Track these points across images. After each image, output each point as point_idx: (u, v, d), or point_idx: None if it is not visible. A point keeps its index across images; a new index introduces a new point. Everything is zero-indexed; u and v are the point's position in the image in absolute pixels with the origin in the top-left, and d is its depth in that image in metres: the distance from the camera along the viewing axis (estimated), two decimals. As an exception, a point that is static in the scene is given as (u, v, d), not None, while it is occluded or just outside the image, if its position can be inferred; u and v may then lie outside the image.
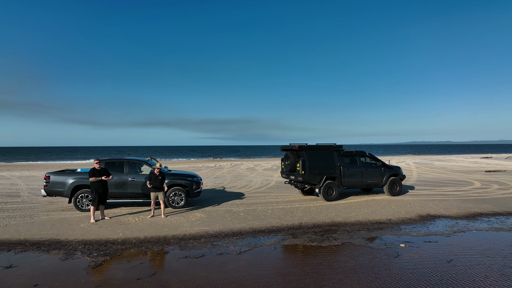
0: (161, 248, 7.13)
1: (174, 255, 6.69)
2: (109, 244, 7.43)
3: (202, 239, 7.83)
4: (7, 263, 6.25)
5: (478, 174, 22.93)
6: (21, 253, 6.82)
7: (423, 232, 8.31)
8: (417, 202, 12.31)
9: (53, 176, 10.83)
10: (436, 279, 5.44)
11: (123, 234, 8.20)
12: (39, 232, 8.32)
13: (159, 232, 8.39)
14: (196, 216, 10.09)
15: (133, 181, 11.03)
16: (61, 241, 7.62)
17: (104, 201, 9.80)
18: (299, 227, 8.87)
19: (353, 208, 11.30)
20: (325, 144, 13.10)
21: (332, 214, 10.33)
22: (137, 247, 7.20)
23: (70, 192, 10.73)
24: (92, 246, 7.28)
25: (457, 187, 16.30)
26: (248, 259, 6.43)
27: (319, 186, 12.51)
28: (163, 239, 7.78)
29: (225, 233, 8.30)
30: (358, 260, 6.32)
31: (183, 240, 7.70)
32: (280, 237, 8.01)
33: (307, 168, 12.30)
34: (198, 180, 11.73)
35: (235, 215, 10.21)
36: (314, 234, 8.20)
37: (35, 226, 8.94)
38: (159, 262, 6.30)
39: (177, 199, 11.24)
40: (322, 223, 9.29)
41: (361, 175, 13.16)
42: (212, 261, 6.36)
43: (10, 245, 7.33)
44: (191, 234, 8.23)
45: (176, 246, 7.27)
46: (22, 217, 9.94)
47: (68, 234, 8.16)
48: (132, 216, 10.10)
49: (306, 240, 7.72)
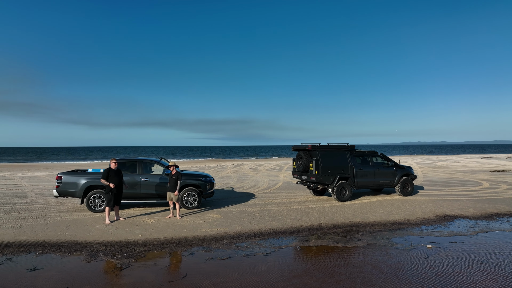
0: (184, 250, 6.99)
1: (200, 257, 6.55)
2: (130, 245, 7.29)
3: (224, 240, 7.70)
4: (31, 265, 6.09)
5: (483, 174, 22.96)
6: (43, 255, 6.66)
7: (446, 233, 8.24)
8: (430, 202, 12.25)
9: (65, 176, 10.66)
10: (475, 279, 5.36)
11: (142, 235, 8.06)
12: (55, 234, 8.16)
13: (178, 233, 8.26)
14: (212, 217, 9.96)
15: (146, 181, 10.88)
16: (80, 243, 7.46)
17: (118, 202, 9.65)
18: (319, 228, 8.77)
19: (368, 208, 11.22)
20: (337, 144, 13.01)
21: (349, 215, 10.24)
22: (160, 249, 7.06)
23: (82, 193, 10.56)
24: (114, 247, 7.14)
25: (466, 187, 16.28)
26: (277, 261, 6.32)
27: (332, 186, 12.42)
28: (184, 240, 7.64)
29: (246, 234, 8.18)
30: (395, 260, 6.23)
31: (205, 242, 7.57)
32: (302, 238, 7.90)
33: (320, 168, 12.20)
34: (211, 180, 11.61)
35: (251, 216, 10.09)
36: (337, 235, 8.10)
37: (50, 227, 8.78)
38: (186, 264, 6.17)
39: (191, 199, 11.10)
40: (341, 224, 9.19)
41: (374, 175, 13.10)
42: (240, 262, 6.24)
43: (29, 247, 7.16)
44: (211, 235, 8.11)
45: (199, 248, 7.14)
46: (34, 218, 9.77)
47: (86, 236, 8.00)
48: (147, 217, 9.96)
49: (330, 241, 7.62)
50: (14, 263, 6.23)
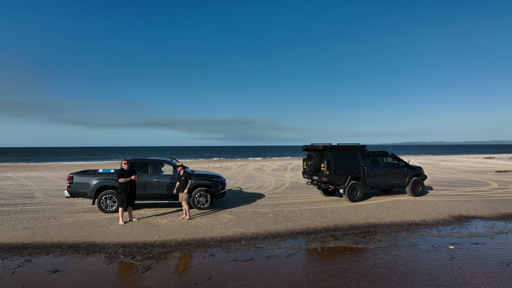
0: (204, 251, 6.91)
1: (221, 258, 6.47)
2: (148, 247, 7.20)
3: (242, 241, 7.62)
4: (51, 267, 6.01)
5: (489, 174, 22.92)
6: (61, 257, 6.56)
7: (465, 234, 8.17)
8: (442, 202, 12.18)
9: (76, 176, 10.57)
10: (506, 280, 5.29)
11: (158, 236, 7.97)
12: (70, 235, 8.07)
13: (194, 234, 8.17)
14: (225, 218, 9.87)
15: (157, 181, 10.79)
16: (97, 244, 7.37)
17: (132, 202, 9.56)
18: (336, 229, 8.69)
19: (381, 209, 11.14)
20: (348, 144, 12.94)
21: (363, 215, 10.17)
22: (179, 250, 6.98)
23: (94, 193, 10.47)
24: (132, 249, 7.05)
25: (475, 187, 16.22)
26: (300, 262, 6.24)
27: (343, 186, 12.34)
28: (202, 242, 7.56)
29: (263, 235, 8.10)
30: (423, 261, 6.15)
31: (223, 243, 7.49)
32: (321, 239, 7.82)
33: (332, 169, 12.13)
34: (222, 180, 11.52)
35: (265, 217, 10.01)
36: (355, 236, 8.03)
37: (63, 228, 8.69)
38: (208, 266, 6.08)
39: (202, 200, 11.02)
40: (357, 225, 9.11)
41: (385, 176, 13.03)
42: (263, 264, 6.15)
43: (46, 248, 7.07)
44: (228, 236, 8.02)
45: (218, 249, 7.05)
46: (47, 219, 9.67)
47: (102, 237, 7.91)
48: (160, 218, 9.87)
49: (349, 242, 7.54)
50: (34, 264, 6.14)
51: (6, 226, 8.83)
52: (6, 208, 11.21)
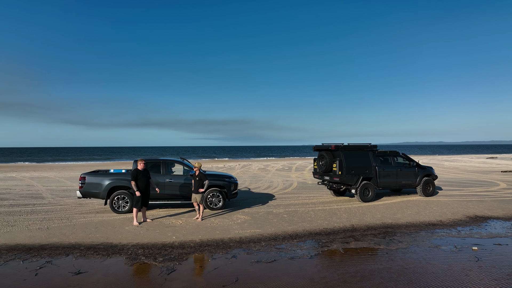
0: (225, 252, 6.83)
1: (244, 260, 6.39)
2: (167, 248, 7.12)
3: (262, 242, 7.54)
4: (73, 268, 5.92)
5: (495, 174, 22.90)
6: (82, 258, 6.47)
7: (485, 234, 8.10)
8: (455, 202, 12.13)
9: (88, 177, 10.47)
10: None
11: (176, 237, 7.88)
12: (86, 236, 7.98)
13: (212, 235, 8.09)
14: (240, 218, 9.80)
15: (170, 182, 10.70)
16: (115, 245, 7.28)
17: (146, 203, 9.46)
18: (353, 229, 8.62)
19: (394, 209, 11.08)
20: (360, 144, 12.88)
21: (378, 216, 10.10)
22: (199, 251, 6.89)
23: (106, 194, 10.38)
24: (151, 250, 6.96)
25: (484, 187, 16.18)
26: (325, 263, 6.16)
27: (355, 186, 12.27)
28: (221, 243, 7.47)
29: (281, 236, 8.02)
30: (451, 262, 6.09)
31: (243, 243, 7.41)
32: (340, 239, 7.74)
33: (344, 169, 12.06)
34: (235, 181, 11.45)
35: (280, 217, 9.94)
36: (374, 237, 7.96)
37: (78, 229, 8.60)
38: (233, 267, 5.99)
39: (215, 200, 10.95)
40: (374, 225, 9.05)
41: (396, 176, 12.97)
42: (288, 265, 6.07)
43: (65, 249, 6.98)
44: (246, 237, 7.94)
45: (239, 250, 6.97)
46: (59, 220, 9.58)
47: (118, 238, 7.82)
48: (174, 218, 9.79)
49: (370, 243, 7.47)
50: (56, 266, 6.05)
51: (20, 227, 8.74)
52: (17, 209, 11.11)
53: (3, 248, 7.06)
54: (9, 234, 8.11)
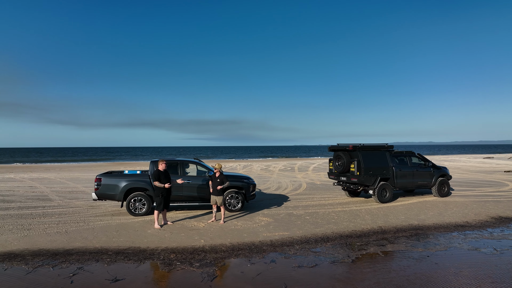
0: (261, 257, 6.58)
1: (284, 264, 6.15)
2: (199, 252, 6.85)
3: (295, 245, 7.31)
4: (108, 275, 5.62)
5: (499, 174, 23.02)
6: (114, 264, 6.17)
7: (518, 236, 8.00)
8: (473, 203, 12.06)
9: (104, 178, 10.13)
10: None
11: (204, 241, 7.61)
12: (110, 240, 7.66)
13: (240, 238, 7.84)
14: (262, 220, 9.56)
15: (188, 183, 10.40)
16: (143, 250, 6.98)
17: (167, 205, 9.17)
18: (383, 231, 8.45)
19: (415, 210, 10.95)
20: (377, 144, 12.74)
21: (402, 217, 9.95)
22: (234, 256, 6.63)
23: (122, 196, 10.05)
24: (184, 254, 6.68)
25: (494, 187, 16.18)
26: (371, 267, 5.95)
27: (373, 187, 12.11)
28: (253, 246, 7.22)
29: (313, 239, 7.80)
30: (504, 263, 5.93)
31: (276, 247, 7.17)
32: (374, 242, 7.55)
33: (362, 169, 11.89)
34: (253, 182, 11.21)
35: (303, 219, 9.73)
36: (407, 239, 7.79)
37: (99, 232, 8.27)
38: (276, 273, 5.74)
39: (234, 202, 10.70)
40: (402, 227, 8.88)
41: (412, 176, 12.86)
42: (333, 270, 5.85)
43: (92, 254, 6.66)
44: (276, 240, 7.71)
45: (275, 254, 6.73)
46: (76, 223, 9.23)
47: (144, 242, 7.52)
48: (195, 221, 9.52)
49: (407, 245, 7.29)
50: (89, 272, 5.74)
51: (37, 231, 8.38)
52: (27, 211, 10.72)
53: (26, 253, 6.72)
54: (28, 238, 7.76)
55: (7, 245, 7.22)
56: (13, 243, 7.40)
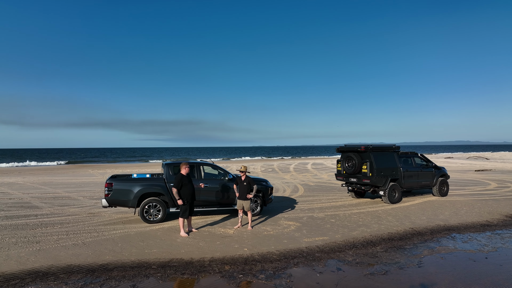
0: (324, 264, 6.19)
1: (353, 272, 5.81)
2: (253, 262, 6.33)
3: (347, 251, 7.00)
4: (175, 294, 4.95)
5: (471, 173, 24.39)
6: (168, 280, 5.47)
7: (548, 233, 8.29)
8: (475, 202, 12.49)
9: (116, 183, 9.22)
10: None
11: (247, 249, 7.09)
12: (142, 251, 6.90)
13: (283, 244, 7.41)
14: (290, 225, 9.19)
15: (206, 187, 9.76)
16: (190, 262, 6.32)
17: (192, 211, 8.50)
18: (419, 233, 8.38)
19: (429, 210, 11.09)
20: (385, 145, 12.82)
21: (424, 218, 10.01)
22: (293, 264, 6.19)
23: (136, 202, 9.21)
24: (238, 266, 6.11)
25: (479, 186, 17.00)
26: (443, 271, 5.77)
27: (384, 188, 12.15)
28: (305, 253, 6.81)
29: (359, 243, 7.54)
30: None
31: (329, 253, 6.82)
32: (422, 244, 7.41)
33: (374, 170, 11.88)
34: (270, 185, 10.79)
35: (329, 222, 9.48)
36: (453, 240, 7.78)
37: (122, 243, 7.44)
38: (354, 282, 5.38)
39: (253, 206, 10.23)
40: (432, 228, 8.90)
41: (417, 176, 13.09)
42: (408, 277, 5.59)
43: (135, 269, 5.88)
44: (323, 245, 7.36)
45: (335, 261, 6.37)
46: (88, 233, 8.29)
47: (181, 252, 6.85)
48: (219, 227, 8.96)
49: (456, 246, 7.25)
50: (150, 292, 5.04)
51: (48, 243, 7.38)
52: (20, 221, 9.50)
53: (56, 271, 5.80)
54: (45, 252, 6.78)
55: (25, 262, 6.24)
56: (30, 259, 6.42)
